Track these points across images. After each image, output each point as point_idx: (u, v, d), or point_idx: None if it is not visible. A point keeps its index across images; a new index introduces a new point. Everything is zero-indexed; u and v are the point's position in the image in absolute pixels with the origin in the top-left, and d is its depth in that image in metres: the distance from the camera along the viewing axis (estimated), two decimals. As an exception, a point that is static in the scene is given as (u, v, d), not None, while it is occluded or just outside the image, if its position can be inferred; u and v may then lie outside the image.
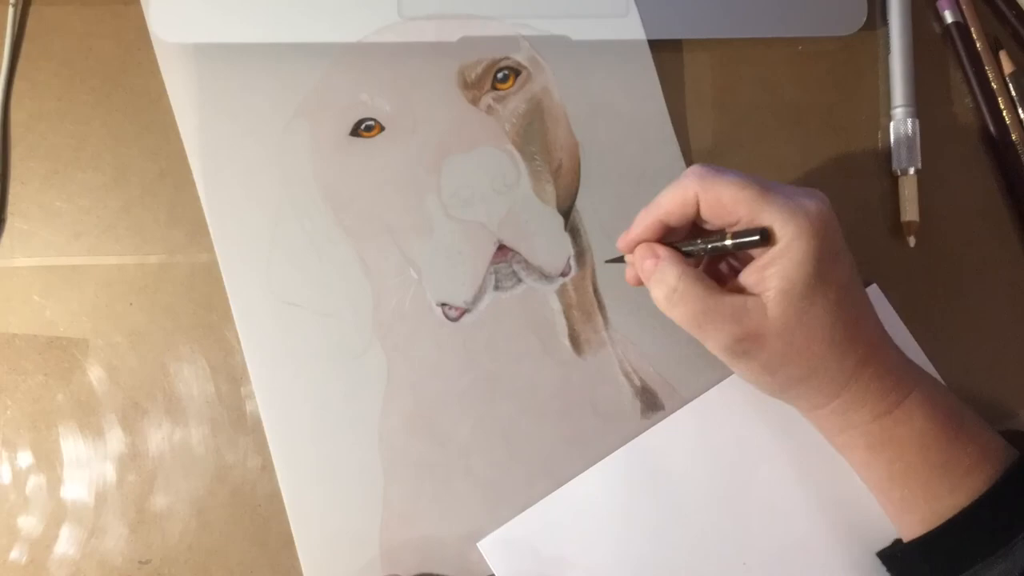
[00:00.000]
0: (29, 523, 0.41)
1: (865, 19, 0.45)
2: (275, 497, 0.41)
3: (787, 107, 0.45)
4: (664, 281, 0.35)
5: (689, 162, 0.44)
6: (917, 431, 0.35)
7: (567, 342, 0.42)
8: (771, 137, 0.45)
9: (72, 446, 0.41)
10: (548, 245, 0.43)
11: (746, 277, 0.34)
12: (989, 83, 0.45)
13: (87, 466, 0.41)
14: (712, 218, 0.35)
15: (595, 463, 0.41)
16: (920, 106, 0.44)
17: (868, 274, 0.43)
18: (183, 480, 0.41)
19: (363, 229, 0.43)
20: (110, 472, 0.41)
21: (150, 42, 0.44)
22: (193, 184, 0.43)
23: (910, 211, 0.43)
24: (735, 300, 0.34)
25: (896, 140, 0.44)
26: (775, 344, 0.33)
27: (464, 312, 0.42)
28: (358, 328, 0.42)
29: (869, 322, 0.35)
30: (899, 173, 0.44)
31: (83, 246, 0.43)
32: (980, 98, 0.45)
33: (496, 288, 0.42)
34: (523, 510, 0.40)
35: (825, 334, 0.33)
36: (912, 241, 0.43)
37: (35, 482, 0.41)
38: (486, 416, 0.42)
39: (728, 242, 0.34)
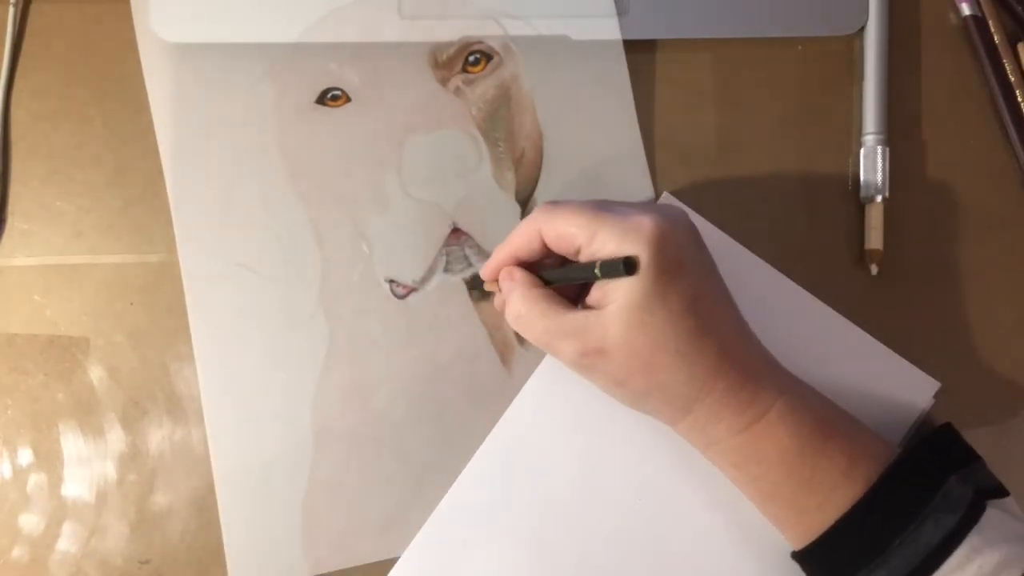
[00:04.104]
0: (30, 522, 0.41)
1: (867, 19, 0.45)
2: (275, 497, 0.41)
3: (787, 107, 0.45)
4: (511, 305, 0.37)
5: (653, 168, 0.44)
6: (780, 447, 0.34)
7: (510, 331, 0.42)
8: (771, 137, 0.45)
9: (72, 445, 0.41)
10: (502, 232, 0.42)
11: (593, 294, 0.35)
12: (1007, 75, 0.45)
13: (88, 465, 0.41)
14: (559, 249, 0.36)
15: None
16: (929, 106, 0.44)
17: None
18: (183, 480, 0.41)
19: (319, 198, 0.43)
20: (110, 471, 0.41)
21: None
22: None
23: (874, 239, 0.42)
24: (577, 317, 0.35)
25: (865, 168, 0.43)
26: (618, 357, 0.34)
27: (411, 291, 0.42)
28: (304, 296, 0.42)
29: (723, 330, 0.35)
30: (865, 201, 0.43)
31: (83, 245, 0.43)
32: (998, 91, 0.44)
33: (446, 270, 0.43)
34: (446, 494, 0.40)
35: (668, 345, 0.33)
36: (874, 269, 0.42)
37: (36, 481, 0.41)
38: (423, 397, 0.42)
39: (596, 271, 0.35)
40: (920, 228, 0.44)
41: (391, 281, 0.43)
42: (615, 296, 0.34)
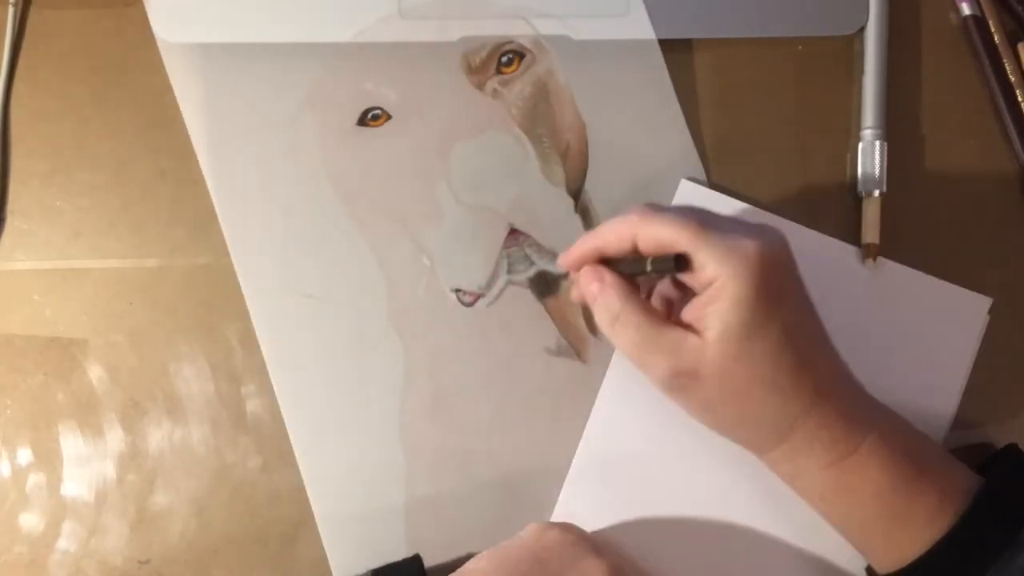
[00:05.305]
0: (30, 521, 0.41)
1: (867, 19, 0.45)
2: (275, 497, 0.41)
3: (787, 108, 0.45)
4: (608, 307, 0.35)
5: (700, 146, 0.44)
6: (872, 481, 0.33)
7: (581, 322, 0.42)
8: (771, 138, 0.45)
9: (72, 445, 0.41)
10: (559, 227, 0.43)
11: (687, 313, 0.34)
12: (1007, 75, 0.44)
13: (87, 465, 0.41)
14: (650, 254, 0.35)
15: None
16: (929, 106, 0.44)
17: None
18: (183, 480, 0.41)
19: (374, 218, 0.43)
20: (110, 471, 0.41)
21: (150, 41, 0.44)
22: (194, 183, 0.43)
23: (871, 234, 0.42)
24: (675, 334, 0.34)
25: (863, 163, 0.43)
26: (712, 383, 0.33)
27: (478, 297, 0.43)
28: (374, 317, 0.42)
29: (819, 365, 0.34)
30: (863, 195, 0.43)
31: (83, 245, 0.43)
32: (998, 91, 0.44)
33: (509, 272, 0.43)
34: (547, 492, 0.41)
35: (766, 378, 0.33)
36: (871, 264, 0.42)
37: (35, 481, 0.41)
38: (506, 399, 0.42)
39: (648, 267, 0.34)
40: (918, 225, 0.44)
41: (457, 290, 0.43)
42: (714, 321, 0.33)
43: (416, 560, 0.39)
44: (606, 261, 0.37)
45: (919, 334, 0.41)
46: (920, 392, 0.41)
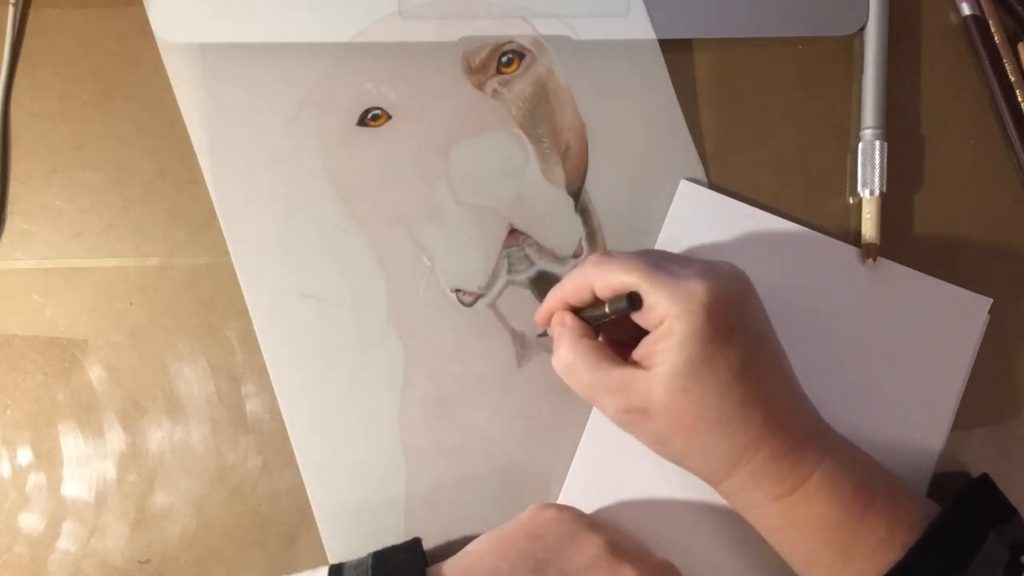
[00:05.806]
0: (30, 521, 0.41)
1: (867, 19, 0.45)
2: (275, 497, 0.41)
3: (787, 107, 0.45)
4: (558, 353, 0.37)
5: (699, 146, 0.44)
6: (818, 515, 0.34)
7: None
8: (771, 138, 0.45)
9: (72, 445, 0.41)
10: (559, 227, 0.43)
11: (638, 351, 0.35)
12: (1007, 75, 0.44)
13: (87, 465, 0.41)
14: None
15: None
16: (929, 106, 0.44)
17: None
18: (183, 480, 0.41)
19: (374, 218, 0.43)
20: (110, 471, 0.41)
21: (151, 42, 0.44)
22: (194, 183, 0.43)
23: (871, 234, 0.42)
24: (623, 373, 0.34)
25: (863, 163, 0.43)
26: (661, 418, 0.34)
27: (479, 297, 0.43)
28: (374, 317, 0.42)
29: (770, 399, 0.34)
30: (863, 195, 0.43)
31: (83, 246, 0.43)
32: (998, 91, 0.44)
33: (509, 272, 0.43)
34: (547, 492, 0.41)
35: (712, 413, 0.33)
36: (870, 263, 0.42)
37: (35, 481, 0.41)
38: (505, 399, 0.42)
39: (606, 309, 0.36)
40: (918, 225, 0.44)
41: (457, 290, 0.43)
42: (663, 358, 0.33)
43: (416, 543, 0.39)
44: (575, 311, 0.38)
45: (919, 334, 0.41)
46: (920, 392, 0.41)
